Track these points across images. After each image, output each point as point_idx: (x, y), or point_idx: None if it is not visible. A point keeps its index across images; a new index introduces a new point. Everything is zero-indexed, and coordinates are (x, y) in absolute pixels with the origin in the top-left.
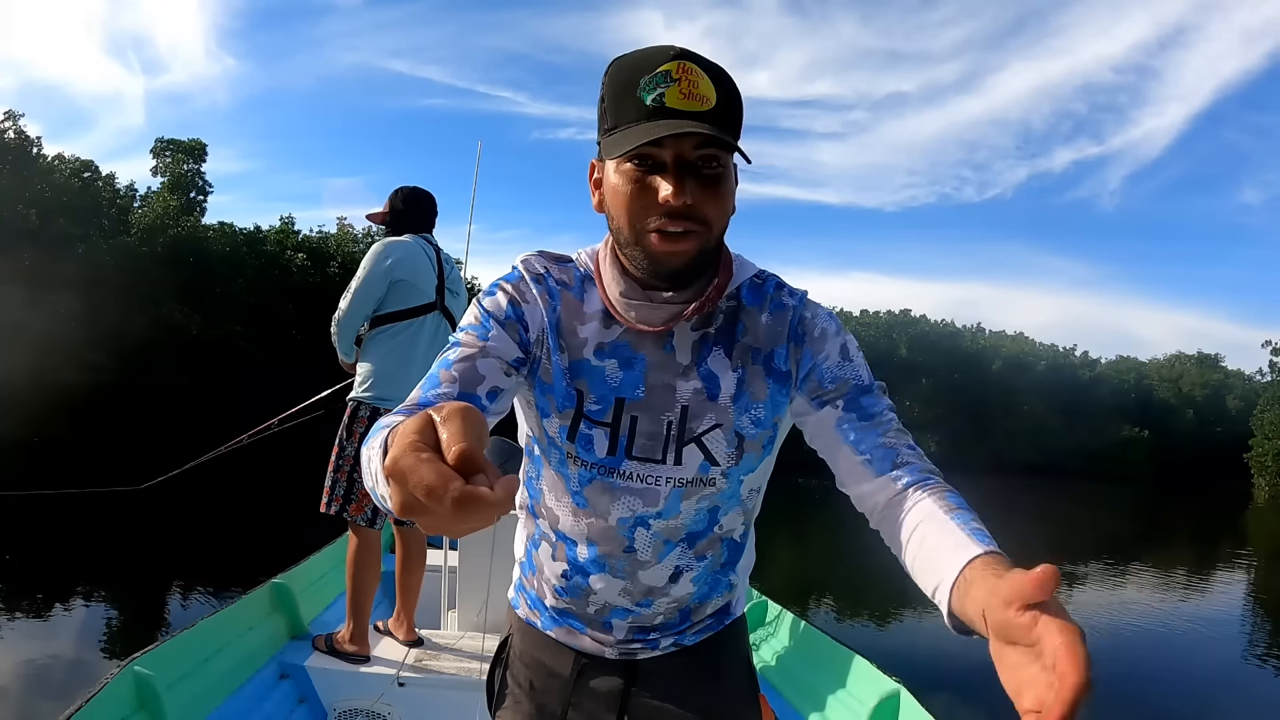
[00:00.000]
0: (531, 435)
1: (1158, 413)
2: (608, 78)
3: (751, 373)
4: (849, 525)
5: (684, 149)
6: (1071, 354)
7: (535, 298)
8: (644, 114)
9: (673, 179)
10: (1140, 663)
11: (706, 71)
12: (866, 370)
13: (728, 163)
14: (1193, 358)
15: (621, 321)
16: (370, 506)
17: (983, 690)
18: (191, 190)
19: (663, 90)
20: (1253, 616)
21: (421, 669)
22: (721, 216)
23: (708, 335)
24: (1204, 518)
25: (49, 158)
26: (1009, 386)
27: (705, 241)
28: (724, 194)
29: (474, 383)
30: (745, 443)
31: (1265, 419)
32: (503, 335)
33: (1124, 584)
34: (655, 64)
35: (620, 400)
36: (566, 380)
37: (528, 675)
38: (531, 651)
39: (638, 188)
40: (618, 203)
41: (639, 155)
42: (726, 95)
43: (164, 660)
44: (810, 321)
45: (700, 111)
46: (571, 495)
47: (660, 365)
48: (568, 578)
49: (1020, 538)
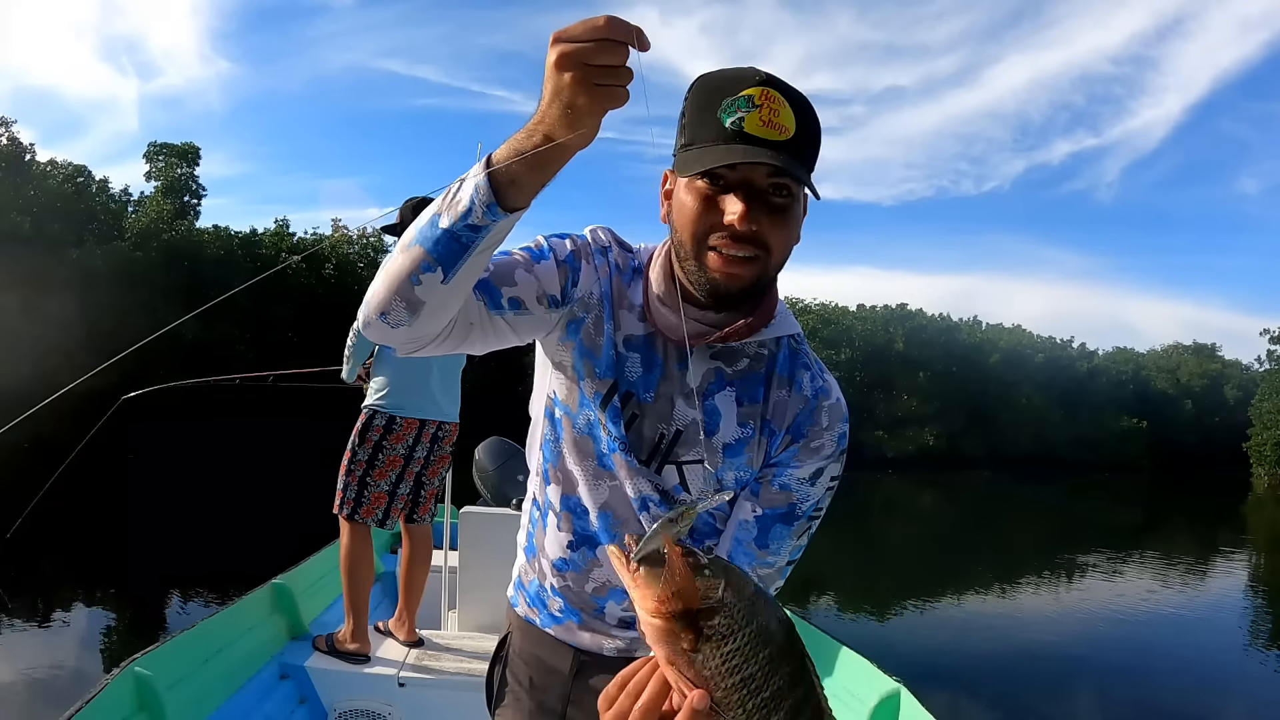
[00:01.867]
0: (554, 396)
1: (1156, 403)
2: (691, 94)
3: (758, 442)
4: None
5: (756, 176)
6: (1069, 346)
7: (596, 264)
8: (722, 136)
9: (741, 203)
10: (1141, 652)
11: (789, 100)
12: (817, 501)
13: (798, 194)
14: (1190, 348)
15: (652, 322)
16: (381, 509)
17: (982, 690)
18: (185, 194)
19: (743, 115)
20: (1253, 606)
21: (422, 669)
22: (785, 246)
23: (724, 372)
24: (1203, 507)
25: (42, 164)
26: (1007, 379)
27: (765, 269)
28: (790, 223)
29: (505, 281)
30: (724, 488)
31: (1264, 408)
32: (553, 269)
33: (1123, 574)
34: (740, 87)
35: (630, 394)
36: (614, 351)
37: (527, 672)
38: (531, 649)
39: (705, 205)
40: (684, 217)
41: (710, 174)
42: (806, 126)
43: (164, 660)
44: (816, 431)
45: (778, 141)
46: (598, 458)
47: (671, 378)
48: (573, 549)
49: (1020, 529)
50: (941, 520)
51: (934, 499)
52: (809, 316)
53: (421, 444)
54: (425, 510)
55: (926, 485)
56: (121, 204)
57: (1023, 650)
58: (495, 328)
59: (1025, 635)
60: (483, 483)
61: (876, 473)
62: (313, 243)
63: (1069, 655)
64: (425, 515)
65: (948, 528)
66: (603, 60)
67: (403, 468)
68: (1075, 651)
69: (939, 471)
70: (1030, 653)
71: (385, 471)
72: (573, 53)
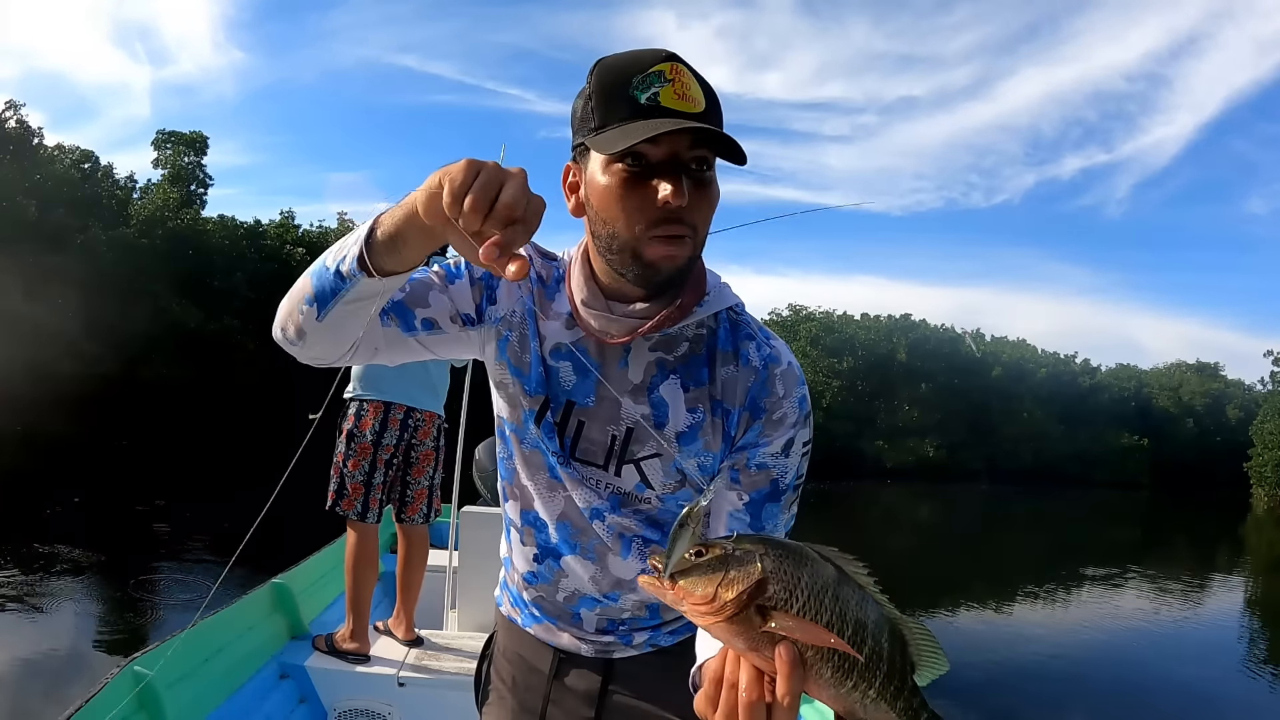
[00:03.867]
0: (503, 416)
1: (1157, 421)
2: (594, 76)
3: (711, 424)
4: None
5: (679, 148)
6: (1072, 361)
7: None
8: (638, 112)
9: (670, 179)
10: (1136, 671)
11: (694, 77)
12: (796, 470)
13: (714, 168)
14: (1193, 366)
15: (582, 327)
16: (360, 501)
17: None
18: (192, 183)
19: (657, 89)
20: (1250, 628)
21: (422, 669)
22: (708, 223)
23: (665, 361)
24: (1202, 527)
25: (49, 148)
26: (1009, 393)
27: (695, 247)
28: (713, 198)
29: (419, 303)
30: (688, 478)
31: (1265, 429)
32: (467, 288)
33: (1121, 592)
34: (647, 64)
35: (570, 403)
36: (542, 366)
37: (510, 671)
38: (514, 648)
39: (631, 188)
40: (609, 205)
41: (630, 154)
42: (712, 101)
43: (164, 660)
44: (774, 401)
45: (693, 113)
46: (549, 469)
47: (612, 379)
48: (539, 561)
49: (1018, 543)
50: (939, 532)
51: (932, 511)
52: (812, 324)
53: (390, 430)
54: (414, 510)
55: (925, 497)
56: (128, 190)
57: (1017, 666)
58: (408, 348)
59: (1020, 651)
60: (483, 483)
61: (875, 483)
62: (317, 235)
63: (1064, 672)
64: (415, 516)
65: (945, 540)
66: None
67: (373, 454)
68: (1070, 669)
69: (938, 483)
70: (1025, 668)
71: (359, 461)
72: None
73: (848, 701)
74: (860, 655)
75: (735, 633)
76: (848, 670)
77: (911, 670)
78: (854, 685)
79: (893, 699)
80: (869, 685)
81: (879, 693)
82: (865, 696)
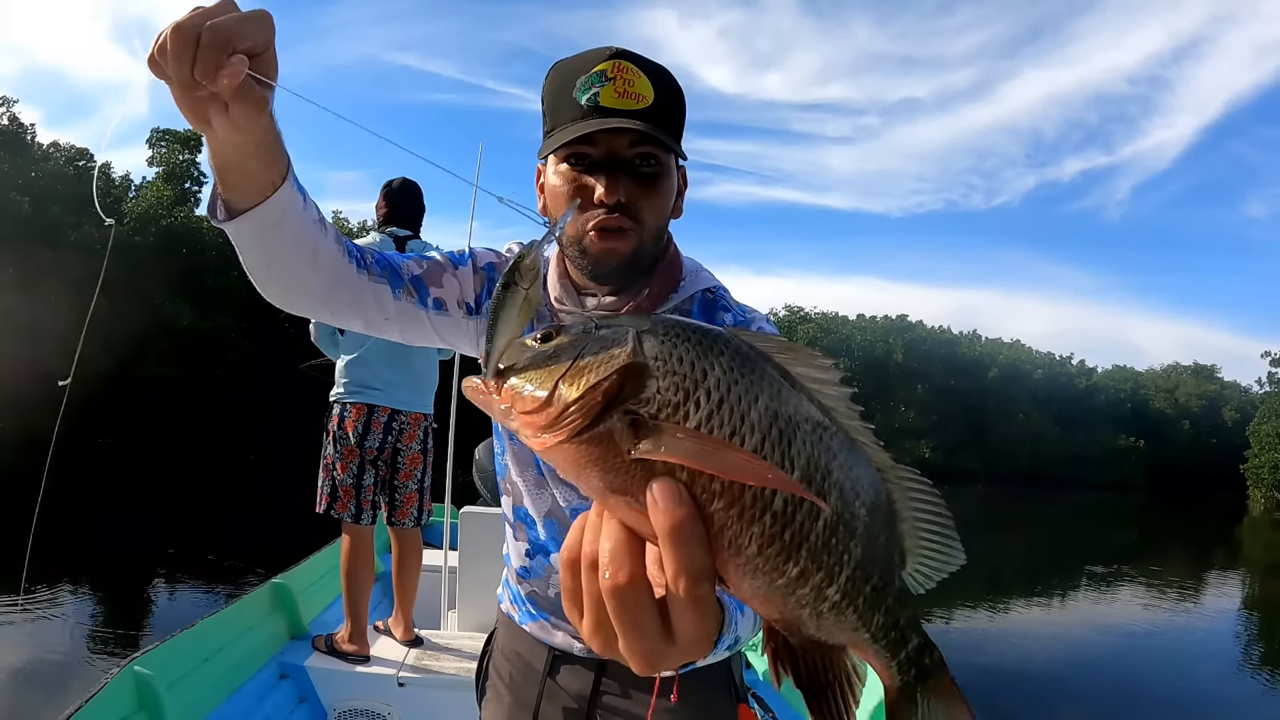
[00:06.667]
0: None
1: (1153, 423)
2: (547, 81)
3: None
4: None
5: (618, 147)
6: (1068, 363)
7: None
8: (579, 113)
9: (605, 176)
10: (1132, 673)
11: (645, 71)
12: None
13: (667, 162)
14: (1189, 368)
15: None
16: (353, 503)
17: (982, 690)
18: (186, 181)
19: (597, 90)
20: (1245, 630)
21: (421, 669)
22: (658, 216)
23: None
24: (1198, 529)
25: (44, 145)
26: (1005, 394)
27: (640, 241)
28: (661, 192)
29: (434, 281)
30: None
31: (1262, 431)
32: (470, 275)
33: (1116, 594)
34: (591, 64)
35: None
36: None
37: (508, 668)
38: (512, 645)
39: (574, 187)
40: (556, 202)
41: (574, 154)
42: (665, 94)
43: (164, 660)
44: None
45: (635, 110)
46: (536, 465)
47: None
48: (530, 556)
49: (1013, 546)
50: None
51: None
52: (808, 325)
53: (373, 432)
54: (404, 514)
55: None
56: (122, 188)
57: (1012, 667)
58: (420, 324)
59: (1015, 652)
60: (483, 483)
61: None
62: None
63: (1059, 673)
64: (405, 519)
65: None
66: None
67: (360, 457)
68: (1065, 670)
69: (934, 485)
70: (1020, 670)
71: (347, 464)
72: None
73: (788, 603)
74: (826, 504)
75: (590, 461)
76: (790, 544)
77: (901, 562)
78: (800, 574)
79: (866, 607)
80: (827, 578)
81: (843, 593)
82: (819, 597)
